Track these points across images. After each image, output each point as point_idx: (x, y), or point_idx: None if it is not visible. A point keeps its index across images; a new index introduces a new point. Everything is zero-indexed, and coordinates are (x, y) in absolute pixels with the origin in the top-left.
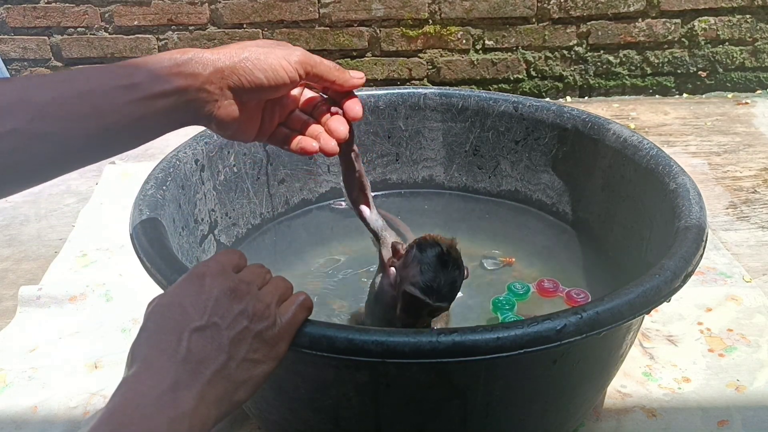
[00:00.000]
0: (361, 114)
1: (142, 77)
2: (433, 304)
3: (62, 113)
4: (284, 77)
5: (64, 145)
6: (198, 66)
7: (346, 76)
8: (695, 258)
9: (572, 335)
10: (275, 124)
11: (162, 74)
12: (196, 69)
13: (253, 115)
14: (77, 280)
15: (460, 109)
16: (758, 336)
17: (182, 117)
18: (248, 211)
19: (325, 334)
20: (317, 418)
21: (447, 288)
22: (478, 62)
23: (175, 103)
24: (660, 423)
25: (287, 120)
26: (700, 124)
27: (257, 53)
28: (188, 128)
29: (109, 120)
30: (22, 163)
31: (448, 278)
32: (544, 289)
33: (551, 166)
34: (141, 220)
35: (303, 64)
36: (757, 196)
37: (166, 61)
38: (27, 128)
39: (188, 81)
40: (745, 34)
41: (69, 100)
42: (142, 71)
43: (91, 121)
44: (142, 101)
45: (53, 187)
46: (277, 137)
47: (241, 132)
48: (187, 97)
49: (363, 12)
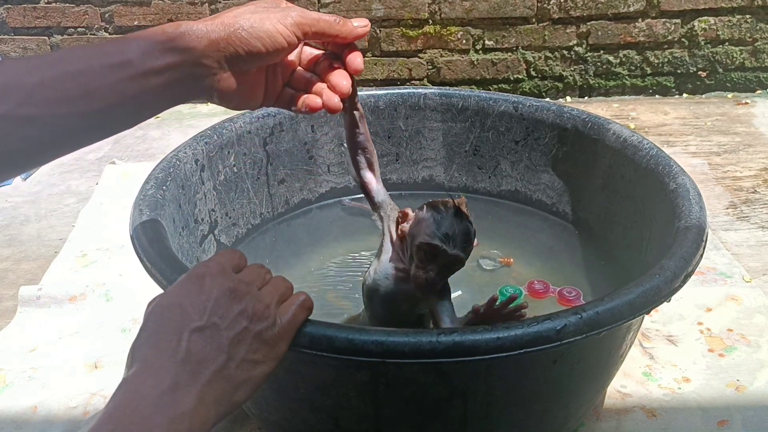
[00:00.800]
0: (362, 67)
1: (134, 54)
2: (450, 252)
3: (51, 96)
4: (282, 42)
5: (55, 127)
6: (192, 40)
7: (348, 28)
8: (695, 258)
9: (572, 335)
10: (280, 87)
11: (155, 50)
12: (190, 43)
13: (255, 82)
14: (77, 280)
15: (460, 109)
16: (758, 336)
17: (179, 93)
18: (248, 211)
19: (325, 334)
20: (317, 418)
21: (462, 237)
22: (478, 62)
23: (170, 79)
24: (660, 423)
25: (291, 80)
26: (700, 124)
27: (251, 20)
28: (188, 128)
29: (101, 100)
30: (15, 148)
31: (461, 227)
32: (535, 290)
33: (551, 166)
34: (141, 220)
35: (300, 26)
36: (757, 196)
37: (159, 36)
38: (16, 113)
39: (183, 56)
40: (745, 34)
41: (58, 81)
42: (134, 48)
43: (83, 102)
44: (135, 79)
45: (53, 187)
46: (283, 99)
47: (246, 101)
48: (183, 72)
49: (363, 12)
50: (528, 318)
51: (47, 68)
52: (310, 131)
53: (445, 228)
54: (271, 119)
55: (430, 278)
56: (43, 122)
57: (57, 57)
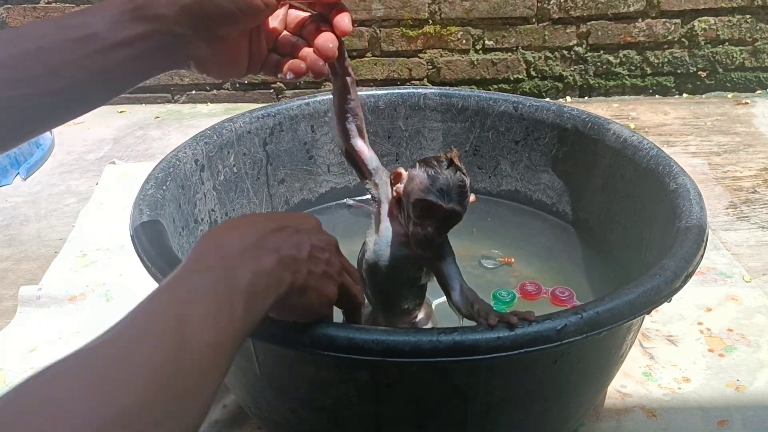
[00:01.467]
0: (350, 28)
1: (100, 26)
2: (446, 206)
3: (12, 76)
4: (257, 3)
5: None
6: (161, 6)
7: None
8: (696, 258)
9: (572, 335)
10: (265, 53)
11: (122, 20)
12: (159, 10)
13: (237, 49)
14: (77, 280)
15: (460, 109)
16: (758, 336)
17: (153, 64)
18: (248, 211)
19: (325, 333)
20: (317, 418)
21: (456, 190)
22: (478, 62)
23: (141, 51)
24: (660, 423)
25: (276, 45)
26: (700, 124)
27: None
28: (188, 128)
29: (67, 77)
30: None
31: (455, 180)
32: (527, 292)
33: (551, 166)
34: (141, 219)
35: None
36: (757, 196)
37: (126, 5)
38: None
39: (153, 25)
40: (745, 34)
41: (18, 60)
42: (99, 19)
43: (47, 81)
44: (102, 53)
45: (53, 187)
46: (269, 66)
47: (229, 69)
48: (154, 42)
49: (363, 12)
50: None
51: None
52: (309, 131)
53: (440, 183)
54: (270, 119)
55: (429, 234)
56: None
57: (17, 34)
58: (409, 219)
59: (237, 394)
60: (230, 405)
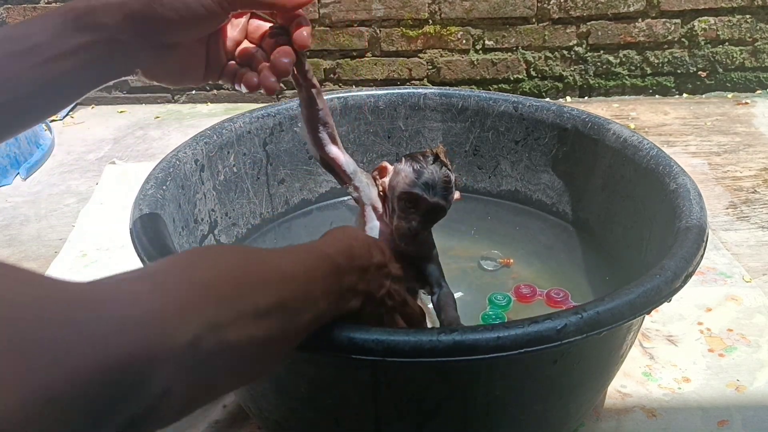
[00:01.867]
0: (308, 42)
1: (41, 37)
2: (431, 200)
3: None
4: (201, 11)
5: None
6: (104, 15)
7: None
8: (696, 258)
9: (573, 335)
10: (224, 61)
11: (64, 30)
12: (101, 19)
13: (192, 56)
14: (77, 280)
15: (460, 109)
16: (758, 336)
17: (100, 74)
18: (248, 211)
19: (325, 333)
20: (317, 418)
21: (442, 184)
22: (478, 62)
23: (86, 60)
24: (660, 423)
25: (237, 54)
26: (700, 124)
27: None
28: (188, 128)
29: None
30: None
31: (441, 174)
32: (522, 295)
33: (551, 166)
34: (141, 219)
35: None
36: (757, 196)
37: (67, 15)
38: None
39: (95, 34)
40: (745, 34)
41: None
42: (40, 30)
43: None
44: (46, 64)
45: (53, 187)
46: (227, 74)
47: (182, 76)
48: (98, 51)
49: (363, 12)
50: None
51: None
52: None
53: (426, 177)
54: (270, 119)
55: (413, 227)
56: None
57: None
58: (394, 212)
59: (237, 393)
60: (230, 405)
